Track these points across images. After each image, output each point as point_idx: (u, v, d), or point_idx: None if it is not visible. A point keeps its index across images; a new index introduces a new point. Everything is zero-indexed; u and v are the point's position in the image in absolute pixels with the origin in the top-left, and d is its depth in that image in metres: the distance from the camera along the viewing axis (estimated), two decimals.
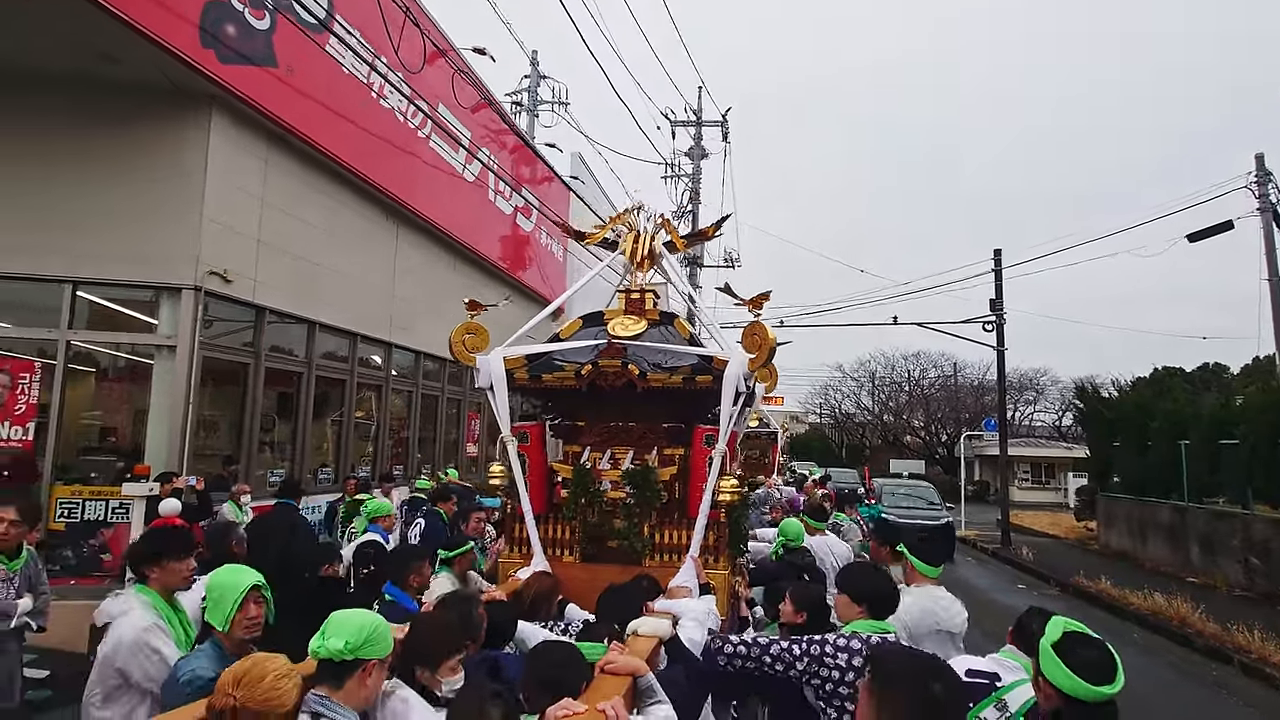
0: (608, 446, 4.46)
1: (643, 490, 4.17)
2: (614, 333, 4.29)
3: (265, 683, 1.87)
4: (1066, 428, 47.80)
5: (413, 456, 12.85)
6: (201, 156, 7.87)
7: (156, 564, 3.16)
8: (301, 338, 9.84)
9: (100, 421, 8.36)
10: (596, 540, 4.25)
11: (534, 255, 17.98)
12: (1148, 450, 16.03)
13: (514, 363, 4.30)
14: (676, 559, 4.03)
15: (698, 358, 4.19)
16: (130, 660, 2.88)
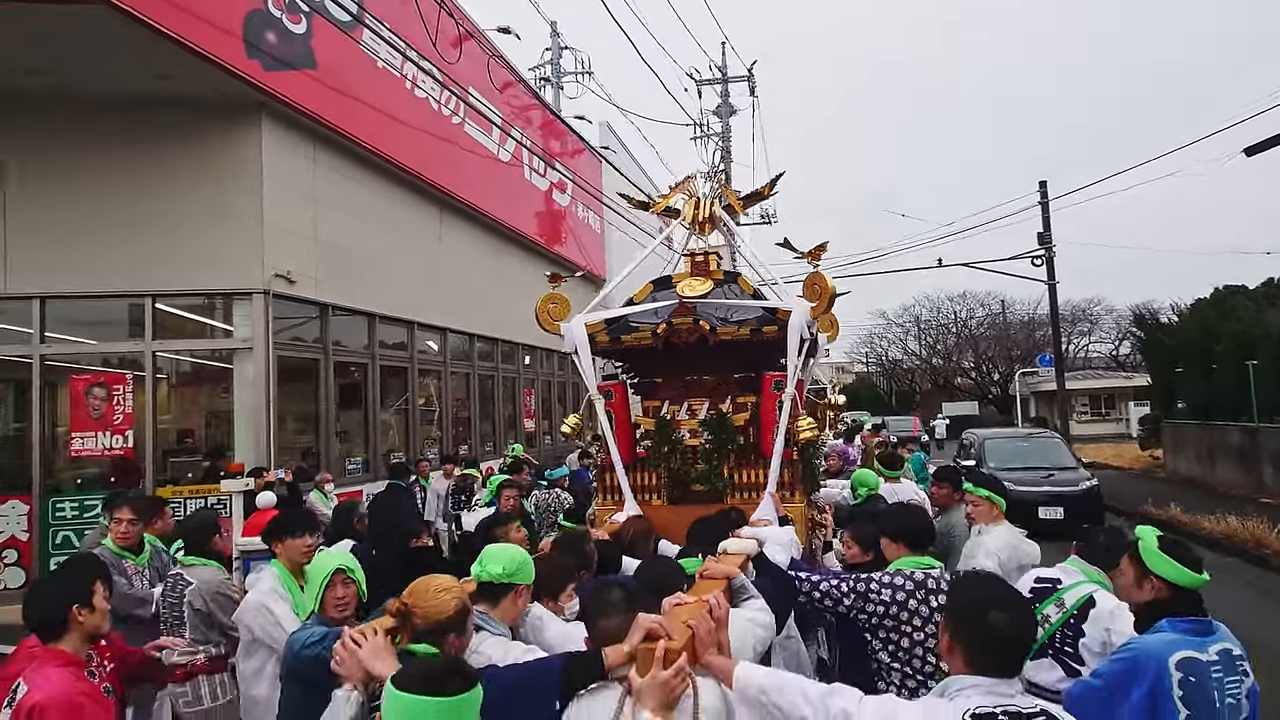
0: (684, 399, 4.76)
1: (720, 436, 4.51)
2: (682, 293, 4.52)
3: (430, 593, 2.20)
4: (1124, 356, 46.58)
5: (476, 435, 13.28)
6: (257, 163, 8.18)
7: (281, 541, 3.62)
8: (362, 330, 10.22)
9: (189, 425, 8.87)
10: (681, 484, 4.56)
11: (572, 228, 18.14)
12: (1213, 373, 15.64)
13: (594, 327, 4.57)
14: (755, 496, 4.33)
15: (763, 310, 4.45)
16: (251, 618, 3.37)
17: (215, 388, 8.50)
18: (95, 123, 7.87)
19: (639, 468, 4.66)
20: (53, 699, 2.23)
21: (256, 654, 3.43)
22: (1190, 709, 2.22)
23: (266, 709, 3.32)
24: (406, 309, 11.02)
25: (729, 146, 24.08)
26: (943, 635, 1.95)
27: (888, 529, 3.33)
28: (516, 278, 15.05)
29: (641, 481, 4.59)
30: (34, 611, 2.45)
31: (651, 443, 4.65)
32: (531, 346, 15.95)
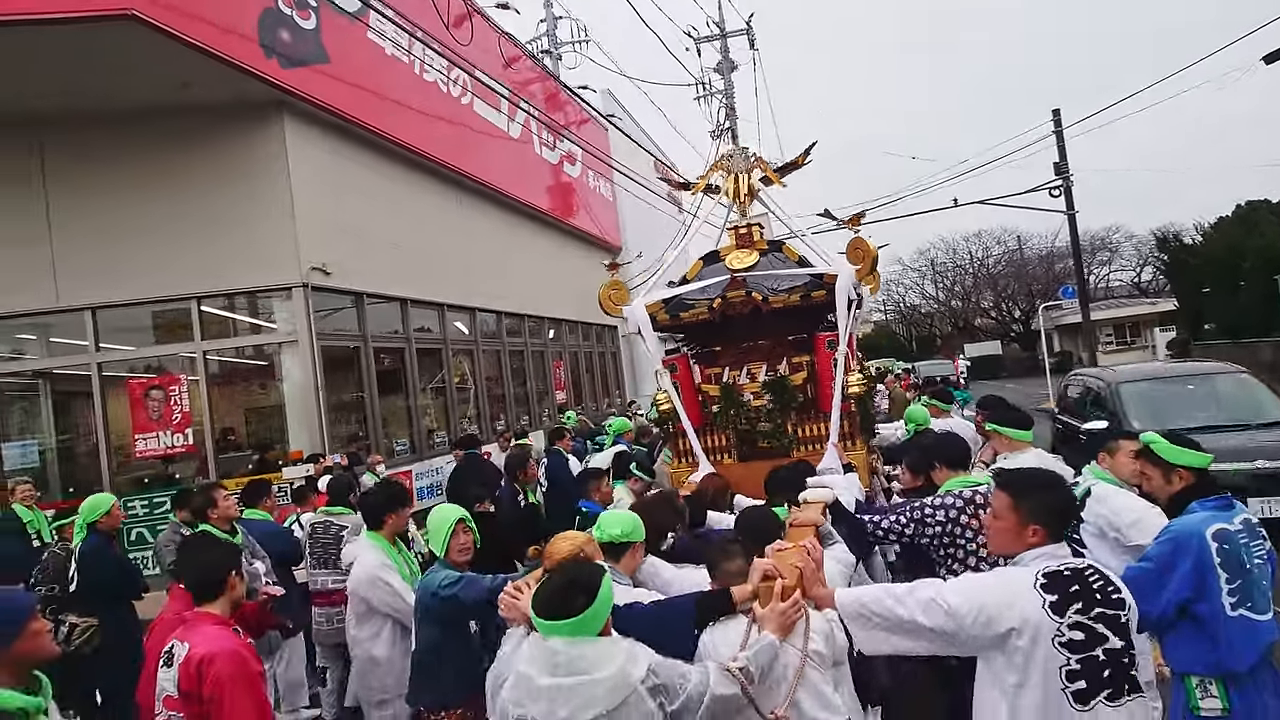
0: (743, 364, 5.09)
1: (781, 395, 4.86)
2: (731, 266, 4.87)
3: (557, 544, 2.63)
4: (1146, 283, 46.03)
5: (511, 410, 13.58)
6: (283, 160, 8.38)
7: (393, 513, 3.91)
8: (396, 316, 10.48)
9: (240, 420, 9.20)
10: (748, 442, 4.90)
11: (586, 199, 18.22)
12: (1240, 291, 15.55)
13: (653, 308, 4.90)
14: (819, 448, 4.65)
15: (810, 277, 4.77)
16: (369, 591, 3.67)
17: (264, 382, 8.81)
18: (127, 136, 8.09)
19: (707, 431, 4.97)
20: (219, 651, 2.43)
21: (371, 621, 3.72)
22: (1228, 572, 2.55)
23: (388, 669, 3.68)
24: (435, 292, 11.25)
25: (733, 103, 23.88)
26: (1006, 518, 2.25)
27: (934, 456, 3.63)
28: (536, 252, 15.24)
29: (711, 443, 4.91)
30: (195, 573, 2.69)
31: (718, 407, 4.97)
32: (556, 320, 16.18)
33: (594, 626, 1.96)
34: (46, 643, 2.12)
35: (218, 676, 2.37)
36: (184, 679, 2.39)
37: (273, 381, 8.82)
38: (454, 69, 11.84)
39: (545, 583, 2.08)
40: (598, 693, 1.86)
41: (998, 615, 2.06)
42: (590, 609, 1.94)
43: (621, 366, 21.24)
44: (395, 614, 3.65)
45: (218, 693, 2.37)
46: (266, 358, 8.85)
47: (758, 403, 4.91)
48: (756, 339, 5.10)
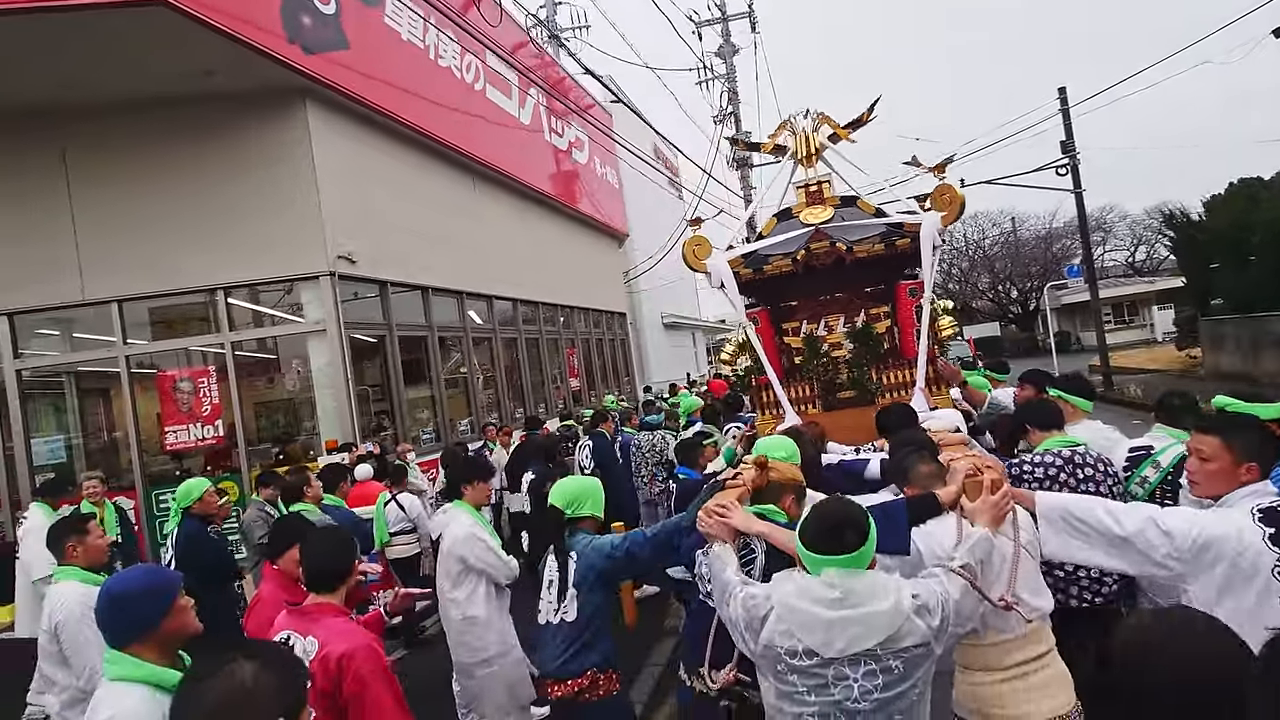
0: (819, 317, 5.26)
1: (867, 344, 4.99)
2: (807, 221, 4.93)
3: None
4: (1141, 263, 46.27)
5: (528, 397, 13.56)
6: (307, 148, 8.30)
7: (470, 484, 4.02)
8: (418, 304, 10.43)
9: (273, 408, 9.16)
10: (831, 392, 5.03)
11: (592, 186, 18.14)
12: (1249, 266, 15.60)
13: (735, 263, 4.94)
14: (903, 394, 4.73)
15: (889, 226, 4.83)
16: (466, 549, 3.76)
17: (304, 370, 8.76)
18: (150, 127, 8.00)
19: (789, 383, 5.07)
20: (357, 647, 2.32)
21: (467, 581, 3.83)
22: None
23: (486, 627, 3.81)
24: (454, 280, 11.20)
25: (735, 88, 23.77)
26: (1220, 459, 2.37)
27: (1025, 419, 3.65)
28: (546, 239, 15.18)
29: (794, 394, 5.02)
30: (317, 562, 2.57)
31: (802, 359, 5.14)
32: (569, 307, 16.14)
33: (866, 561, 2.04)
34: (192, 619, 2.10)
35: (359, 674, 2.28)
36: (320, 677, 2.26)
37: (303, 370, 8.76)
38: (466, 55, 11.76)
39: (813, 520, 2.10)
40: (879, 623, 1.95)
41: (1216, 544, 2.15)
42: (864, 546, 2.02)
43: (630, 354, 21.23)
44: (490, 569, 3.78)
45: (359, 690, 2.27)
46: (295, 347, 8.78)
47: (839, 353, 5.05)
48: (832, 292, 5.24)
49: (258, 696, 1.36)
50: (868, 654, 1.95)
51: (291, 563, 3.06)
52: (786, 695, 2.06)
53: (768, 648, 2.08)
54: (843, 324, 5.13)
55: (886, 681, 1.96)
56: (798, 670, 2.02)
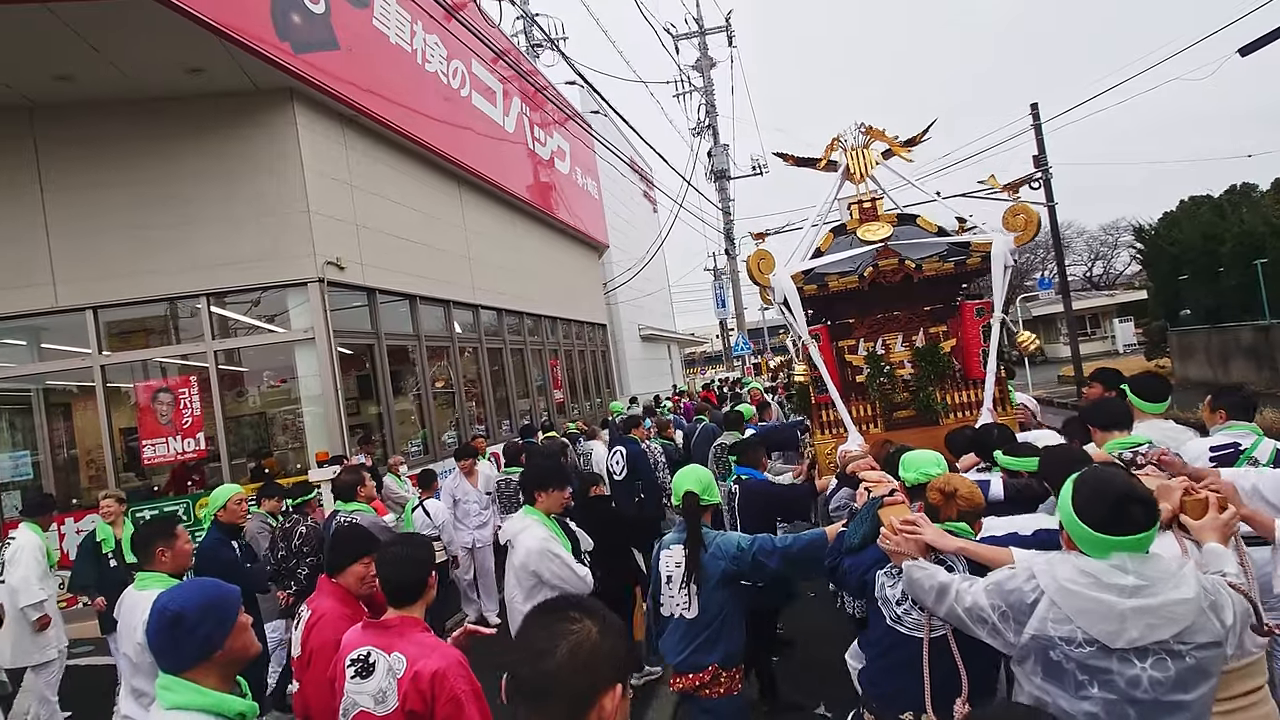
0: (878, 335, 5.17)
1: (934, 363, 4.88)
2: (865, 238, 4.89)
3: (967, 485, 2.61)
4: (1098, 277, 47.55)
5: (514, 408, 13.30)
6: (295, 150, 8.03)
7: (545, 490, 3.78)
8: (406, 312, 10.15)
9: (259, 420, 8.77)
10: (891, 411, 4.95)
11: (574, 196, 18.00)
12: (1219, 276, 16.00)
13: (796, 279, 4.89)
14: (968, 415, 4.68)
15: (957, 245, 4.78)
16: (540, 564, 3.53)
17: (290, 380, 8.42)
18: (130, 125, 7.67)
19: (850, 400, 4.97)
20: (450, 664, 2.20)
21: (540, 595, 3.54)
22: None
23: None
24: (442, 289, 10.95)
25: (713, 100, 23.86)
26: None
27: (1089, 420, 3.61)
28: (530, 248, 14.98)
29: (855, 413, 4.95)
30: (400, 576, 2.40)
31: (866, 376, 5.02)
32: (552, 317, 15.93)
33: (1151, 543, 1.88)
34: (253, 640, 1.89)
35: (454, 695, 2.13)
36: (413, 698, 2.11)
37: (289, 379, 8.43)
38: (453, 60, 11.57)
39: (1093, 496, 1.92)
40: (1178, 613, 1.79)
41: None
42: (1154, 526, 1.86)
43: (611, 365, 21.07)
44: (565, 585, 3.55)
45: (454, 713, 2.11)
46: (281, 356, 8.45)
47: (903, 372, 4.95)
48: (890, 310, 5.15)
49: (602, 656, 1.23)
50: (1159, 645, 1.79)
51: (355, 579, 2.86)
52: (1062, 686, 1.90)
53: (1037, 637, 1.91)
54: (900, 343, 5.05)
55: (1180, 675, 1.79)
56: (1075, 660, 1.86)
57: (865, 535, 2.72)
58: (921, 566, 2.33)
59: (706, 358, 59.52)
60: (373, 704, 2.18)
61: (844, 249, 4.97)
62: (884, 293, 4.93)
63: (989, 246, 4.60)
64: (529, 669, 1.21)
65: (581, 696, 1.18)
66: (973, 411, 4.64)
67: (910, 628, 2.52)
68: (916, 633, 2.48)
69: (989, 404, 4.59)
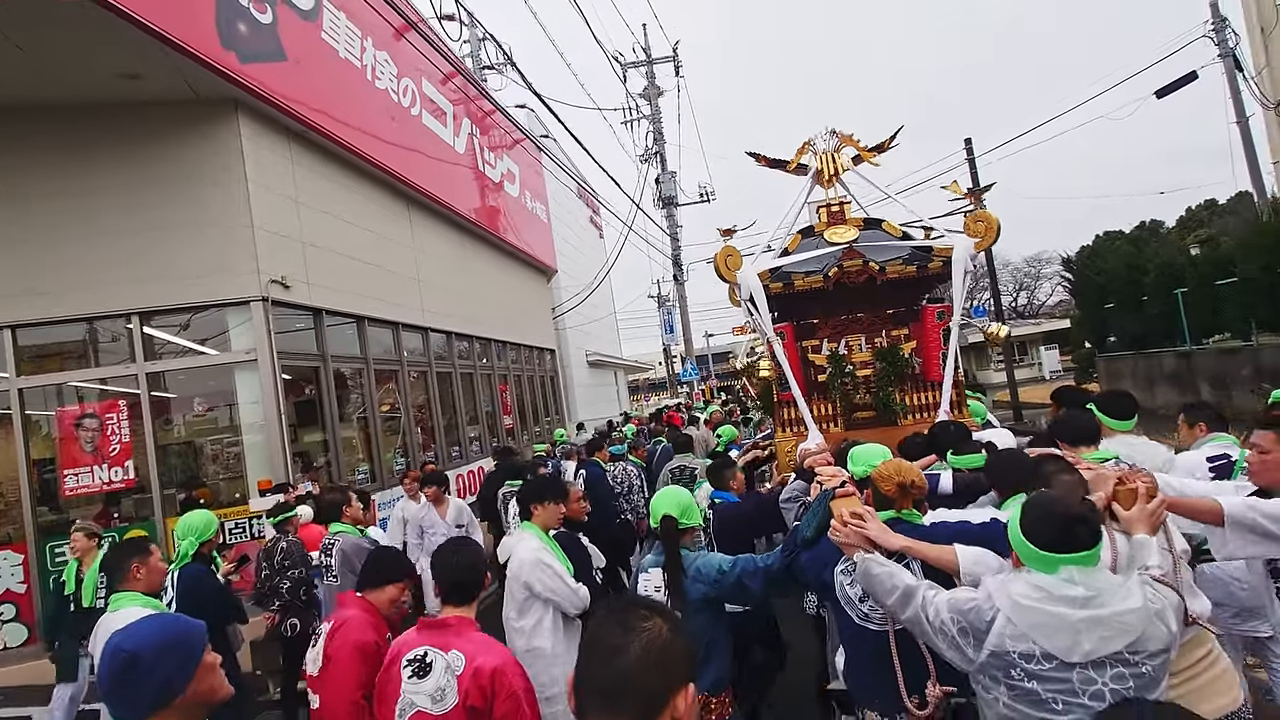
0: (841, 336, 5.32)
1: (894, 364, 4.96)
2: (832, 240, 4.95)
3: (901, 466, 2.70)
4: (1022, 306, 49.85)
5: (464, 434, 12.91)
6: (239, 163, 7.66)
7: (542, 503, 3.70)
8: (353, 334, 9.77)
9: (194, 447, 8.22)
10: (852, 411, 5.03)
11: (523, 220, 17.82)
12: (1143, 305, 16.82)
13: (763, 277, 4.91)
14: (926, 416, 4.75)
15: (913, 249, 4.86)
16: (531, 574, 3.41)
17: (229, 404, 7.93)
18: (56, 132, 7.19)
19: (811, 400, 5.02)
20: (507, 662, 2.25)
21: (533, 609, 3.45)
22: None
23: (553, 659, 3.43)
24: (391, 310, 10.58)
25: (660, 128, 24.12)
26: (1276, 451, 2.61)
27: (1057, 435, 3.52)
28: (479, 271, 14.71)
29: (816, 412, 4.99)
30: (456, 575, 2.48)
31: (827, 376, 5.10)
32: (502, 342, 15.63)
33: (1098, 558, 1.95)
34: (221, 681, 1.65)
35: (512, 691, 2.17)
36: (474, 694, 2.15)
37: (228, 404, 7.94)
38: (403, 78, 11.35)
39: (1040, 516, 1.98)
40: (1129, 623, 1.84)
41: None
42: (1099, 543, 1.93)
43: (560, 390, 20.80)
44: (556, 598, 3.43)
45: (513, 710, 2.15)
46: (220, 379, 7.96)
47: (864, 372, 5.03)
48: (854, 312, 5.22)
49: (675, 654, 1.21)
50: (1114, 657, 1.82)
51: (388, 600, 2.85)
52: (1029, 703, 1.91)
53: (996, 654, 1.94)
54: (863, 344, 5.12)
55: (1138, 685, 1.83)
56: (1036, 676, 1.88)
57: (818, 527, 2.72)
58: (880, 563, 2.33)
59: (650, 384, 59.61)
60: (430, 703, 2.20)
61: (810, 250, 5.04)
62: (848, 294, 5.01)
63: (950, 251, 4.72)
64: (602, 667, 1.17)
65: (655, 695, 1.16)
66: (931, 413, 4.74)
67: (879, 624, 2.53)
68: (885, 626, 2.50)
69: (946, 406, 4.68)
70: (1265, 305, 13.02)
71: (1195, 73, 15.58)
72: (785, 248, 5.28)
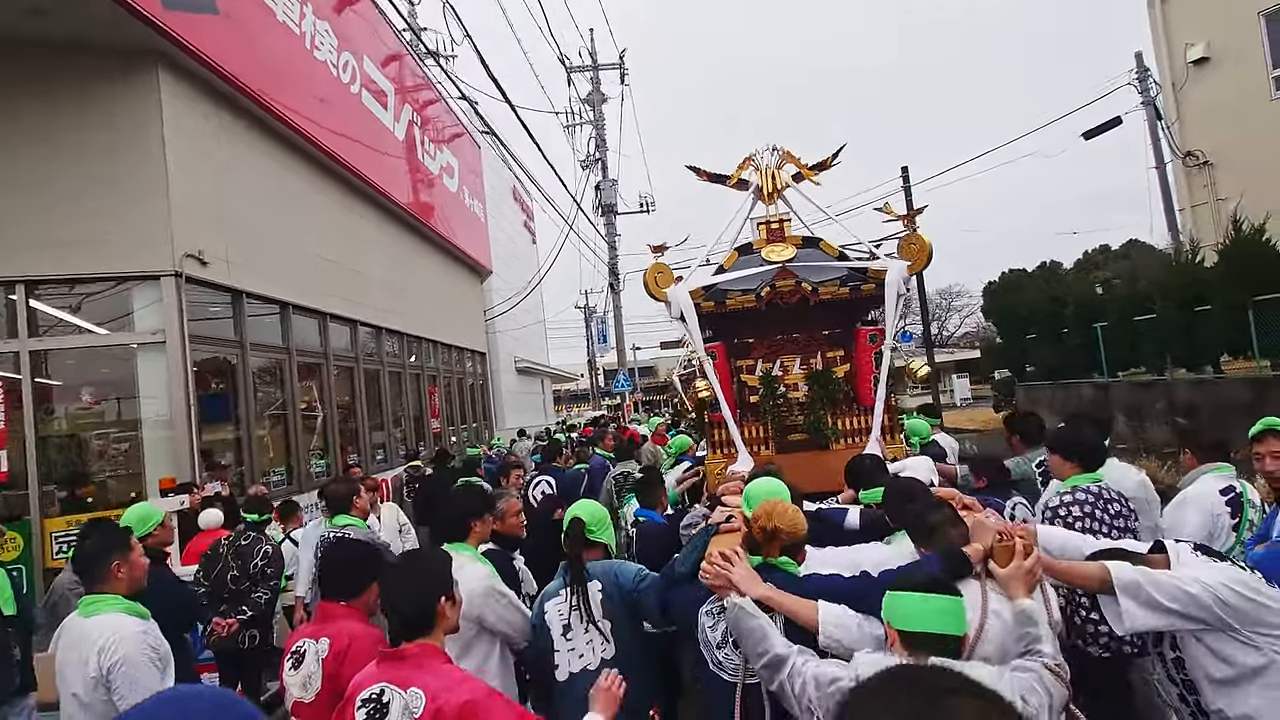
0: (776, 356, 5.11)
1: (826, 387, 4.85)
2: (770, 259, 4.82)
3: (789, 514, 2.44)
4: (934, 335, 52.09)
5: (390, 435, 12.11)
6: (157, 122, 6.84)
7: (479, 518, 3.19)
8: (275, 321, 8.94)
9: (83, 437, 7.23)
10: (784, 434, 4.88)
11: (461, 216, 17.12)
12: (1063, 337, 17.49)
13: (696, 294, 4.75)
14: (858, 441, 4.65)
15: (849, 270, 4.74)
16: (484, 607, 2.87)
17: (128, 391, 7.01)
18: None
19: (743, 421, 4.86)
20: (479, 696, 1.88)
21: (479, 645, 2.88)
22: None
23: None
24: (318, 300, 9.77)
25: (604, 135, 23.81)
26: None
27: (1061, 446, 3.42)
28: (416, 267, 13.96)
29: (748, 434, 4.81)
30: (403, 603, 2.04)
31: (759, 397, 4.93)
32: (434, 341, 14.84)
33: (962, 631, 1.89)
34: None
35: None
36: None
37: (127, 391, 7.04)
38: (344, 51, 10.61)
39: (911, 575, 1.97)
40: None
41: None
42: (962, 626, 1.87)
43: (490, 395, 20.06)
44: (510, 630, 2.92)
45: None
46: (120, 362, 7.06)
47: (796, 394, 4.92)
48: (789, 333, 5.14)
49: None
50: None
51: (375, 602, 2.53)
52: None
53: None
54: (798, 365, 5.03)
55: None
56: None
57: (694, 564, 2.56)
58: (751, 614, 2.19)
59: (572, 396, 58.99)
60: None
61: (747, 268, 4.95)
62: (783, 315, 4.95)
63: (884, 274, 4.68)
64: None
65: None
66: (863, 438, 4.67)
67: (730, 674, 2.38)
68: (735, 678, 2.35)
69: (878, 431, 4.61)
70: (1180, 342, 13.65)
71: (1120, 118, 16.44)
72: (720, 265, 5.14)
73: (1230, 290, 12.15)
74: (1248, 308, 11.82)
